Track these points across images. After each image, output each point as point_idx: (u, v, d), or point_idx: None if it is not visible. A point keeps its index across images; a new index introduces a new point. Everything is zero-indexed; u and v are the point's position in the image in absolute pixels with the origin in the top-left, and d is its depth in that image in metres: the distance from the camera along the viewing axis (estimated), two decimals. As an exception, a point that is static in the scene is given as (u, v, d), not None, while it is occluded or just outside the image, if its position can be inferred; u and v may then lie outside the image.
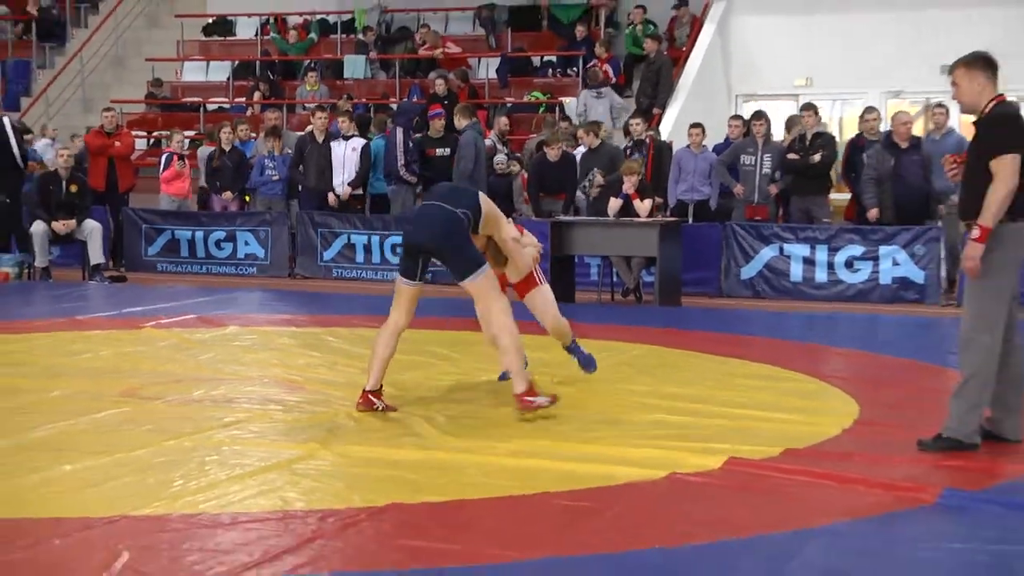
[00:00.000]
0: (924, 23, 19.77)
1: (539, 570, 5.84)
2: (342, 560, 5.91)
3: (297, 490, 7.08)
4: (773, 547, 6.21)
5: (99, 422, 8.74)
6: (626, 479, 7.37)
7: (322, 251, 18.10)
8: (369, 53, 23.30)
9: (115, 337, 12.65)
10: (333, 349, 11.98)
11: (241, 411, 9.30)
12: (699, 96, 19.81)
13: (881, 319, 15.00)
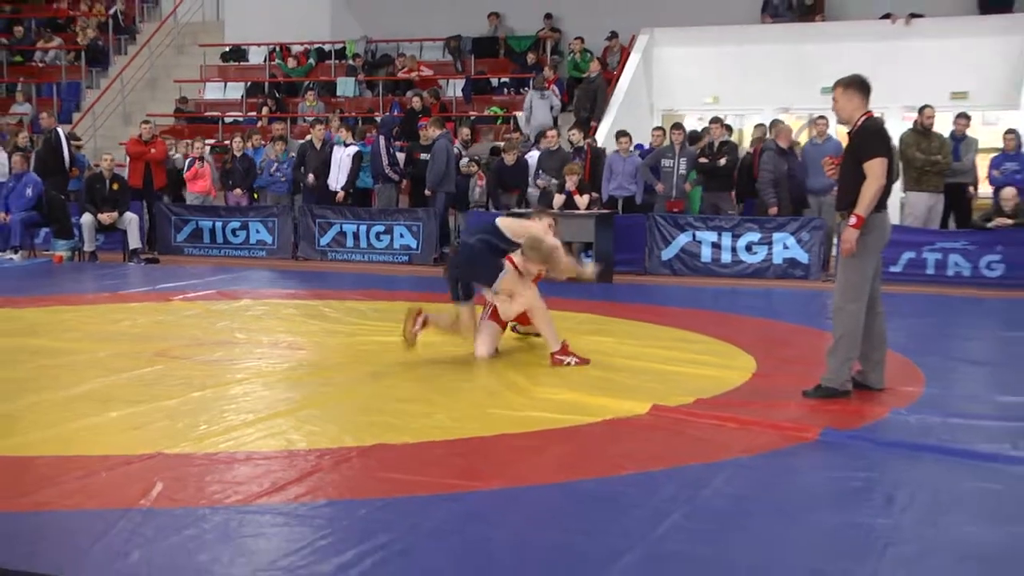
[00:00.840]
0: (807, 54, 19.81)
1: (493, 497, 5.87)
2: (336, 490, 5.93)
3: (299, 433, 7.06)
4: (689, 477, 6.23)
5: (137, 377, 8.70)
6: (569, 423, 7.39)
7: (319, 238, 18.03)
8: (357, 75, 23.22)
9: (150, 308, 12.61)
10: (328, 318, 11.94)
11: (253, 368, 9.27)
12: (627, 110, 19.78)
13: (774, 292, 15.03)
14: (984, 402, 8.22)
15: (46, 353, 9.65)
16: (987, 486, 6.14)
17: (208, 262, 17.53)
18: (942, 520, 5.54)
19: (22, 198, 17.67)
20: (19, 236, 17.59)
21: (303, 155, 18.49)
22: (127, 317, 11.89)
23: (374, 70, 23.30)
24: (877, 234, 8.07)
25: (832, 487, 6.15)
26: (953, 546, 5.17)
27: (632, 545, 5.06)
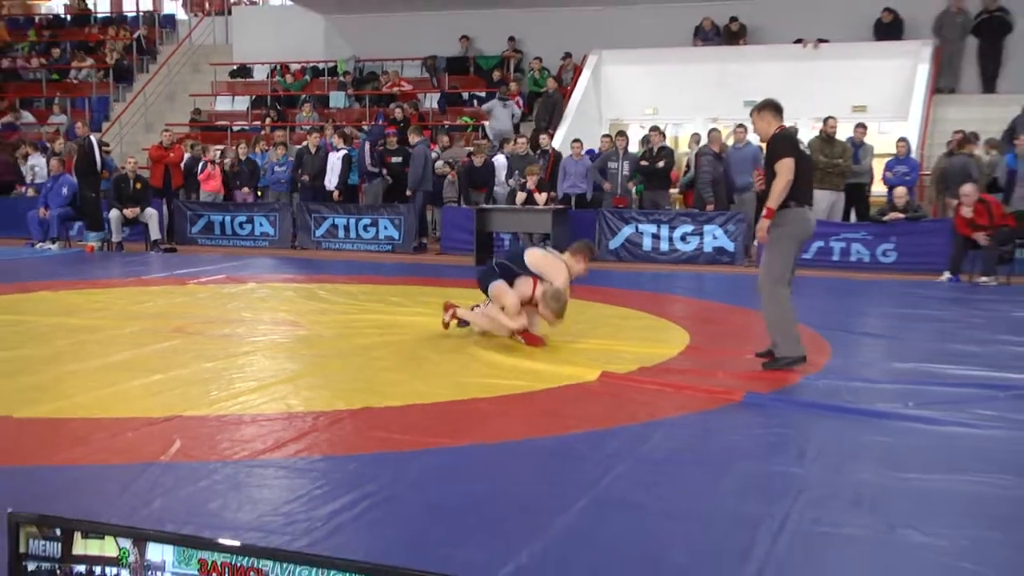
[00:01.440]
0: (732, 72, 19.85)
1: (464, 453, 5.88)
2: (329, 447, 5.94)
3: (297, 398, 7.05)
4: (631, 434, 6.26)
5: (157, 350, 8.67)
6: (530, 388, 7.41)
7: (314, 230, 17.93)
8: (347, 90, 23.15)
9: (168, 291, 12.55)
10: (323, 299, 11.89)
11: (257, 342, 9.24)
12: (579, 120, 19.79)
13: (705, 276, 15.06)
14: (880, 368, 8.29)
15: (80, 330, 9.61)
16: (882, 439, 6.20)
17: (218, 251, 17.46)
18: (844, 467, 5.59)
19: (59, 196, 17.69)
20: (56, 229, 17.61)
21: (300, 158, 18.46)
22: (149, 298, 11.84)
23: (361, 85, 23.24)
24: (795, 226, 8.11)
25: (753, 441, 6.19)
26: (854, 489, 5.21)
27: (582, 493, 5.08)
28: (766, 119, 8.32)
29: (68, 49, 25.97)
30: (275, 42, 24.29)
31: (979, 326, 10.24)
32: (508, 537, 4.47)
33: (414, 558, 4.02)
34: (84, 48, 25.80)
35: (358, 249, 17.62)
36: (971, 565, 4.29)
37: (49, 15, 28.35)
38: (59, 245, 17.52)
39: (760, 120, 8.40)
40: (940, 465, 5.69)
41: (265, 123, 21.92)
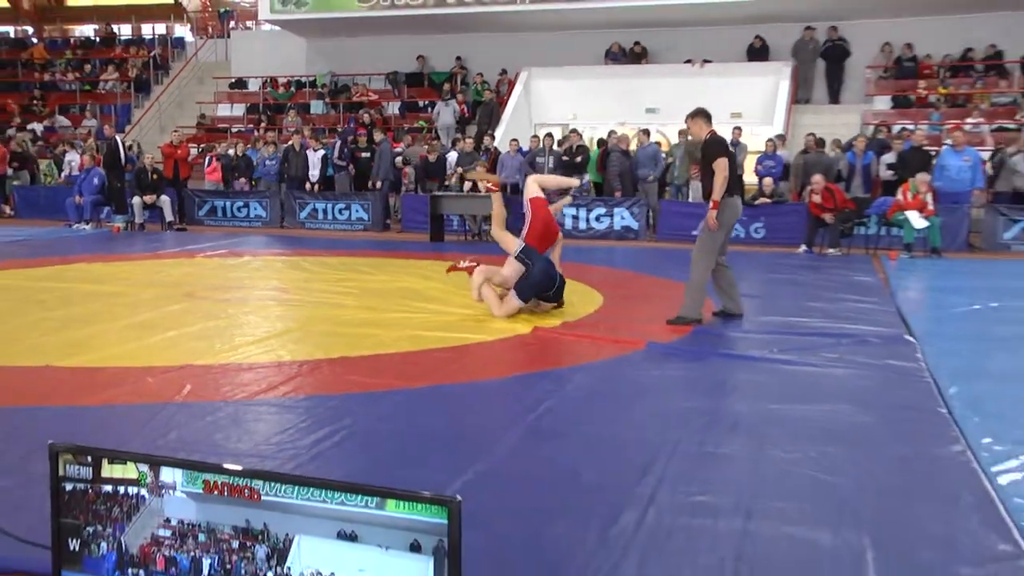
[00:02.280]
0: (636, 86, 19.92)
1: (422, 393, 5.85)
2: (312, 388, 5.89)
3: (285, 349, 7.00)
4: (557, 376, 6.30)
5: (172, 311, 8.56)
6: (476, 341, 7.40)
7: (299, 213, 17.76)
8: (325, 99, 22.95)
9: (180, 263, 12.39)
10: (306, 269, 11.81)
11: (253, 305, 9.15)
12: (514, 123, 19.76)
13: (615, 249, 15.11)
14: (752, 322, 8.34)
15: (109, 295, 9.47)
16: (753, 378, 6.27)
17: (221, 230, 17.27)
18: (724, 401, 5.66)
19: (91, 185, 17.48)
20: (89, 212, 17.38)
21: (286, 155, 18.32)
22: (164, 269, 11.68)
23: (336, 95, 23.06)
24: (728, 212, 8.18)
25: (653, 381, 6.22)
26: (732, 418, 5.26)
27: (518, 424, 5.10)
28: (699, 124, 8.38)
29: (97, 65, 25.74)
30: (266, 60, 24.11)
31: (827, 287, 10.36)
32: (458, 459, 4.46)
33: (381, 478, 4.00)
34: (110, 64, 25.52)
35: (335, 228, 17.49)
36: (819, 473, 4.38)
37: (82, 37, 27.98)
38: (92, 226, 17.27)
39: (694, 125, 8.46)
40: (797, 397, 5.76)
41: (259, 126, 21.69)
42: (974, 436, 4.96)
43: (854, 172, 15.62)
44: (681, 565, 3.43)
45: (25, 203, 19.26)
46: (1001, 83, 18.96)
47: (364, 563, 1.78)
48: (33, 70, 25.84)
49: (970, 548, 3.62)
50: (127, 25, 28.09)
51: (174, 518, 1.91)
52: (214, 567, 1.87)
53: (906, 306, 9.09)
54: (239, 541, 1.85)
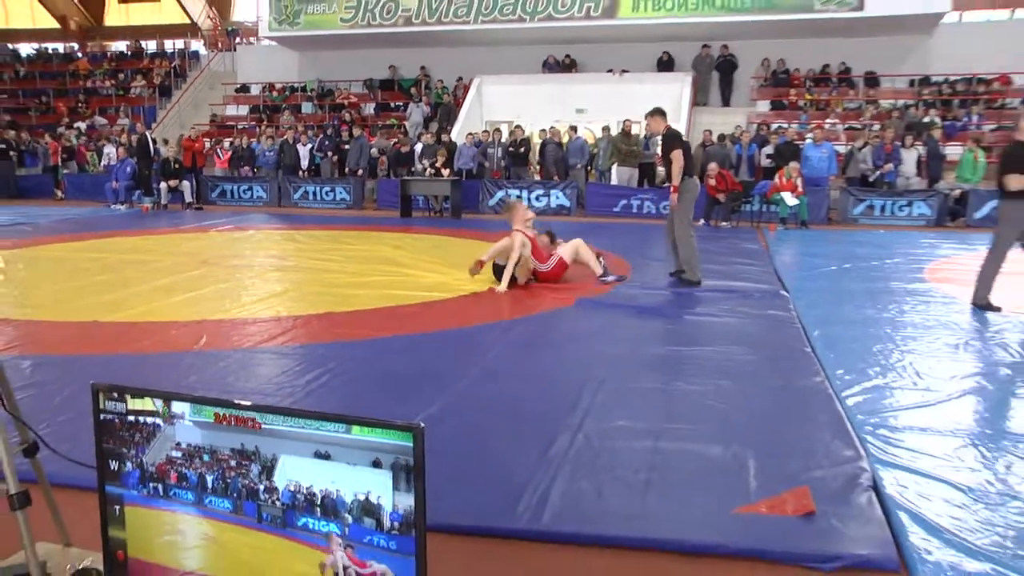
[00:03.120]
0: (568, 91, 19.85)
1: (396, 341, 5.83)
2: (305, 338, 5.83)
3: (283, 307, 6.91)
4: (503, 326, 6.27)
5: (190, 276, 8.41)
6: (441, 298, 7.36)
7: (293, 194, 17.44)
8: (314, 100, 22.57)
9: (197, 236, 12.14)
10: (299, 241, 11.65)
11: (257, 270, 9.01)
12: (469, 120, 19.57)
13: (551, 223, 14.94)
14: (664, 281, 8.35)
15: (139, 263, 9.28)
16: (663, 326, 6.33)
17: (230, 209, 16.94)
18: (640, 345, 5.68)
19: (124, 173, 17.13)
20: (123, 195, 16.98)
21: (282, 147, 17.97)
22: (184, 241, 11.44)
23: (323, 98, 22.68)
24: (690, 192, 8.15)
25: (582, 330, 6.23)
26: (646, 359, 5.30)
27: (472, 366, 5.09)
28: (657, 120, 8.34)
29: (129, 74, 25.29)
30: (265, 69, 23.64)
31: (721, 253, 10.43)
32: (423, 396, 4.46)
33: (361, 410, 3.97)
34: (139, 73, 25.07)
35: (323, 207, 17.21)
36: (714, 401, 4.43)
37: (117, 52, 27.64)
38: (125, 206, 16.83)
39: (653, 122, 8.41)
40: (698, 341, 5.82)
41: (260, 124, 21.30)
42: (831, 369, 5.06)
43: (741, 161, 15.77)
44: (605, 478, 3.46)
45: (73, 188, 18.92)
46: (850, 92, 19.28)
47: (335, 477, 1.80)
48: (78, 79, 25.57)
49: (824, 455, 3.71)
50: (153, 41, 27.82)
51: (184, 442, 1.93)
52: (216, 481, 1.91)
53: (781, 268, 9.20)
54: (236, 460, 1.88)
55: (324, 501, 1.81)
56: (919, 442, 3.89)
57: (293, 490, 1.84)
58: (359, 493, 1.78)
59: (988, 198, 14.20)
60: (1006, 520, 3.13)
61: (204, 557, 1.95)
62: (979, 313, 6.82)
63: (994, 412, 4.39)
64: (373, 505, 1.77)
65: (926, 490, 3.37)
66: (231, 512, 1.90)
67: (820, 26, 18.45)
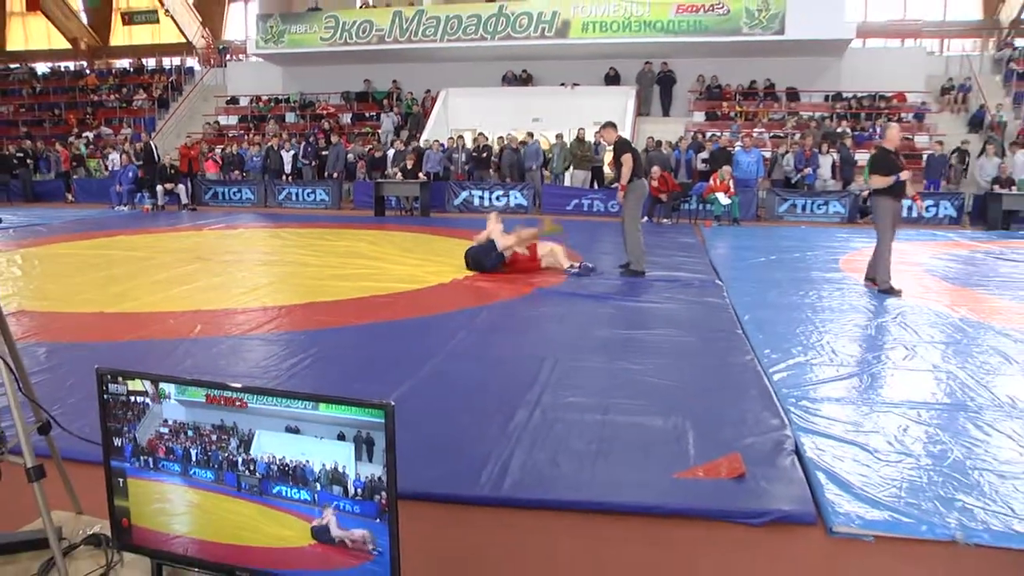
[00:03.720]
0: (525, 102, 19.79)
1: (371, 328, 5.77)
2: (290, 326, 5.75)
3: (269, 298, 6.80)
4: (468, 314, 6.22)
5: (186, 271, 8.24)
6: (408, 288, 7.28)
7: (278, 195, 17.17)
8: (297, 111, 22.26)
9: (192, 235, 11.90)
10: (284, 238, 11.46)
11: (246, 265, 8.85)
12: (436, 128, 19.38)
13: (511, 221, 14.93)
14: (612, 272, 8.36)
15: (140, 259, 9.08)
16: (611, 312, 6.33)
17: (221, 210, 16.64)
18: (589, 329, 5.69)
19: (127, 177, 16.70)
20: (126, 197, 16.58)
21: (268, 153, 17.69)
22: (180, 239, 11.20)
23: (304, 108, 22.37)
24: (638, 192, 8.23)
25: (540, 316, 6.21)
26: (595, 341, 5.30)
27: (440, 350, 5.06)
28: (610, 131, 8.44)
29: (131, 88, 24.82)
30: (253, 83, 23.24)
31: (663, 247, 10.48)
32: (395, 376, 4.42)
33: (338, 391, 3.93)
34: (141, 87, 24.65)
35: (304, 207, 16.95)
36: (655, 378, 4.44)
37: (121, 68, 27.22)
38: (128, 208, 16.45)
39: (607, 133, 8.50)
40: (643, 325, 5.84)
41: (249, 132, 20.96)
42: (759, 348, 5.11)
43: (680, 165, 15.86)
44: (559, 448, 3.45)
45: (82, 191, 18.50)
46: (774, 105, 19.51)
47: (304, 448, 1.82)
48: (86, 93, 25.19)
49: (754, 424, 3.74)
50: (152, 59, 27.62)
51: (170, 419, 1.93)
52: (199, 454, 1.92)
53: (716, 259, 9.26)
54: (217, 435, 1.90)
55: (295, 471, 1.84)
56: (834, 411, 3.94)
57: (268, 461, 1.86)
58: (326, 463, 1.80)
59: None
60: (901, 475, 3.24)
61: (192, 522, 1.97)
62: (880, 297, 6.93)
63: (895, 383, 4.46)
64: (339, 474, 1.79)
65: (839, 452, 3.43)
66: (213, 482, 1.92)
67: (747, 47, 18.66)
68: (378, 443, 1.76)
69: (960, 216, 14.19)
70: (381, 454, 1.76)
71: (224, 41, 28.38)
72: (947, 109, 18.53)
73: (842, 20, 17.56)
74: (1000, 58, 19.52)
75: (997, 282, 7.92)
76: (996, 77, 19.09)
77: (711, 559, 2.68)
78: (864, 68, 19.22)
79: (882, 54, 20.30)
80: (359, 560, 1.80)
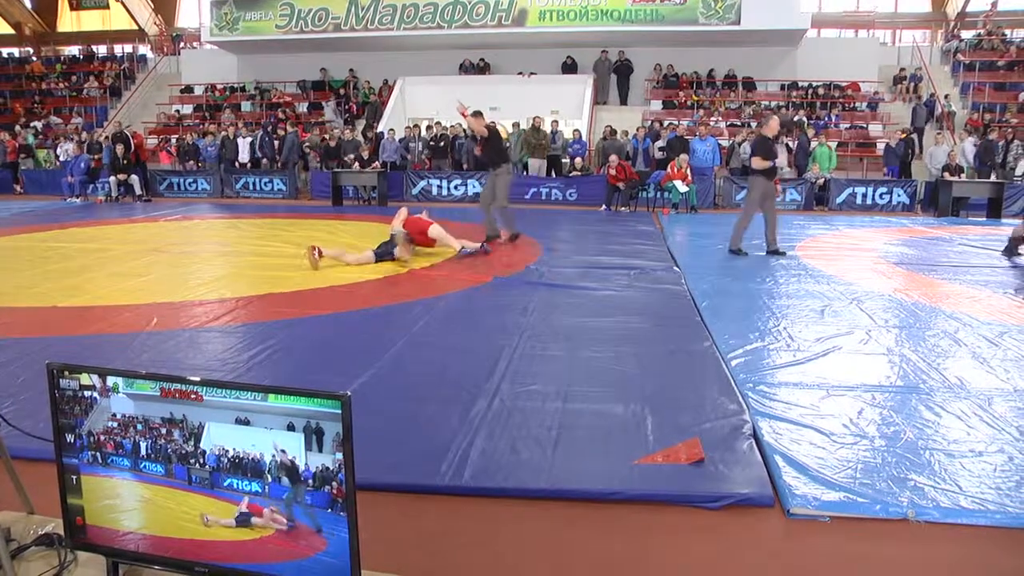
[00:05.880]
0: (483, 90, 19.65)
1: (331, 318, 5.70)
2: (248, 317, 5.66)
3: (227, 289, 6.69)
4: (427, 303, 6.19)
5: (142, 263, 8.07)
6: (370, 278, 7.23)
7: (235, 185, 16.88)
8: (253, 99, 21.89)
9: (147, 226, 11.64)
10: (242, 229, 11.28)
11: (203, 256, 8.70)
12: (393, 117, 19.23)
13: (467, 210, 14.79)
14: (568, 260, 8.37)
15: (94, 251, 8.84)
16: (570, 300, 6.33)
17: (177, 201, 16.31)
18: (550, 317, 5.69)
19: (79, 168, 16.29)
20: (79, 188, 16.15)
21: (223, 142, 17.35)
22: (135, 231, 10.96)
23: (261, 96, 22.02)
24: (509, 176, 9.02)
25: (498, 304, 6.19)
26: (556, 329, 5.31)
27: (401, 337, 5.02)
28: (479, 120, 9.09)
29: (82, 76, 24.06)
30: (207, 71, 22.74)
31: (620, 235, 10.53)
32: (355, 367, 4.37)
33: (297, 382, 3.88)
34: (91, 75, 23.90)
35: (262, 197, 16.70)
36: (614, 365, 4.48)
37: (70, 55, 26.31)
38: (80, 199, 16.03)
39: (475, 122, 9.17)
40: (602, 313, 5.86)
41: (204, 122, 20.55)
42: (717, 335, 5.17)
43: (637, 153, 15.94)
44: (519, 436, 3.45)
45: (31, 182, 18.01)
46: (731, 94, 19.70)
47: (254, 440, 1.81)
48: (33, 81, 24.37)
49: (712, 410, 3.79)
50: (103, 45, 26.76)
51: (119, 413, 1.90)
52: (148, 448, 1.89)
53: (674, 247, 9.33)
54: (166, 428, 1.87)
55: (246, 463, 1.82)
56: (791, 395, 4.01)
57: (218, 454, 1.84)
58: (276, 454, 1.79)
59: (846, 186, 14.82)
60: (856, 456, 3.30)
61: (146, 518, 1.95)
62: (836, 283, 7.06)
63: (851, 367, 4.55)
64: (289, 465, 1.78)
65: (796, 436, 3.48)
66: (163, 476, 1.90)
67: (704, 37, 18.80)
68: (328, 433, 1.75)
69: (913, 203, 14.52)
70: (331, 444, 1.75)
71: (178, 28, 27.78)
72: (899, 98, 18.90)
73: (797, 10, 17.79)
74: (948, 49, 19.97)
75: (947, 267, 8.12)
76: (945, 67, 19.54)
77: (672, 544, 2.71)
78: (819, 58, 19.50)
79: (837, 44, 20.62)
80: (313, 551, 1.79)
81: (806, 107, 18.50)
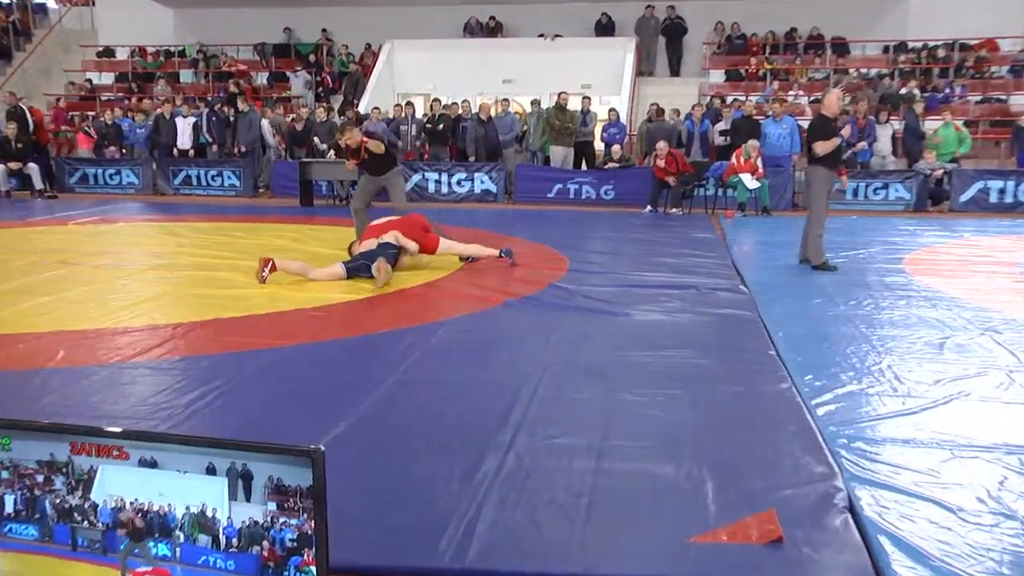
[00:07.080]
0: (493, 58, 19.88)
1: (295, 350, 5.74)
2: (186, 350, 5.70)
3: (159, 313, 6.75)
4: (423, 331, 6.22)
5: (45, 278, 8.14)
6: (346, 300, 7.27)
7: (172, 179, 17.14)
8: (196, 68, 22.18)
9: (52, 230, 11.78)
10: (180, 235, 11.39)
11: (127, 270, 8.77)
12: (378, 93, 19.47)
13: (475, 211, 15.03)
14: (602, 277, 8.37)
15: (-22, 262, 8.98)
16: (604, 328, 6.33)
17: (93, 198, 16.51)
18: (579, 349, 5.69)
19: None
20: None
21: (157, 123, 17.55)
22: (36, 237, 11.08)
23: (206, 64, 22.28)
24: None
25: (511, 333, 6.20)
26: (585, 365, 5.32)
27: (387, 376, 5.04)
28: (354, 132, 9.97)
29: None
30: (133, 29, 23.05)
31: (671, 244, 10.54)
32: (329, 412, 4.39)
33: (253, 434, 3.89)
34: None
35: (208, 194, 16.92)
36: (663, 412, 4.47)
37: None
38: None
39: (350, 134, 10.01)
40: (645, 344, 5.85)
41: (131, 95, 20.82)
42: (798, 374, 5.15)
43: (692, 139, 15.98)
44: (540, 505, 3.44)
45: None
46: (816, 60, 19.70)
47: (163, 487, 1.78)
48: None
49: (792, 472, 3.76)
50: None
51: None
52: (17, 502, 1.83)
53: (740, 260, 9.33)
54: (44, 475, 1.81)
55: (150, 517, 1.78)
56: (900, 456, 3.96)
57: (115, 507, 1.79)
58: (191, 505, 1.76)
59: (975, 179, 14.67)
60: (1000, 543, 3.16)
61: None
62: (961, 307, 7.02)
63: (985, 420, 4.46)
64: (207, 519, 1.75)
65: (909, 510, 3.41)
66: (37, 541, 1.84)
67: (780, -15, 18.87)
68: (258, 477, 1.73)
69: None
70: (262, 491, 1.73)
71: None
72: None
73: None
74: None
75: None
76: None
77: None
78: (938, 9, 19.22)
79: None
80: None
81: (919, 75, 18.35)
